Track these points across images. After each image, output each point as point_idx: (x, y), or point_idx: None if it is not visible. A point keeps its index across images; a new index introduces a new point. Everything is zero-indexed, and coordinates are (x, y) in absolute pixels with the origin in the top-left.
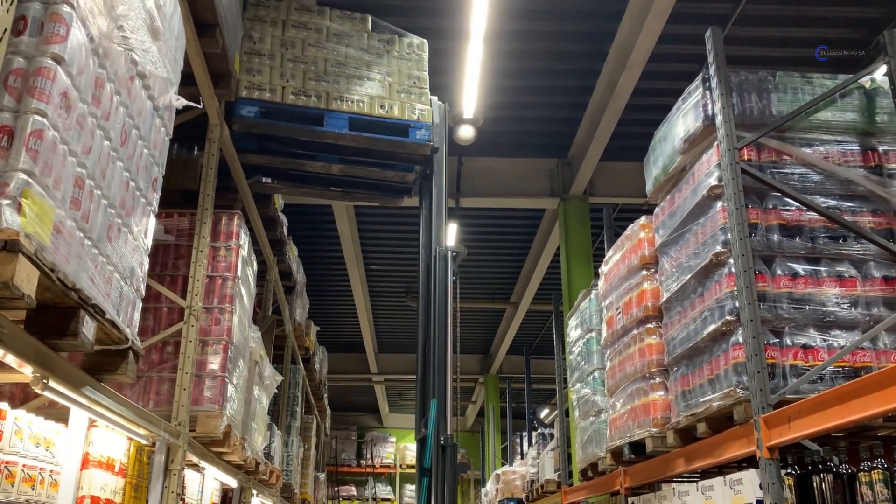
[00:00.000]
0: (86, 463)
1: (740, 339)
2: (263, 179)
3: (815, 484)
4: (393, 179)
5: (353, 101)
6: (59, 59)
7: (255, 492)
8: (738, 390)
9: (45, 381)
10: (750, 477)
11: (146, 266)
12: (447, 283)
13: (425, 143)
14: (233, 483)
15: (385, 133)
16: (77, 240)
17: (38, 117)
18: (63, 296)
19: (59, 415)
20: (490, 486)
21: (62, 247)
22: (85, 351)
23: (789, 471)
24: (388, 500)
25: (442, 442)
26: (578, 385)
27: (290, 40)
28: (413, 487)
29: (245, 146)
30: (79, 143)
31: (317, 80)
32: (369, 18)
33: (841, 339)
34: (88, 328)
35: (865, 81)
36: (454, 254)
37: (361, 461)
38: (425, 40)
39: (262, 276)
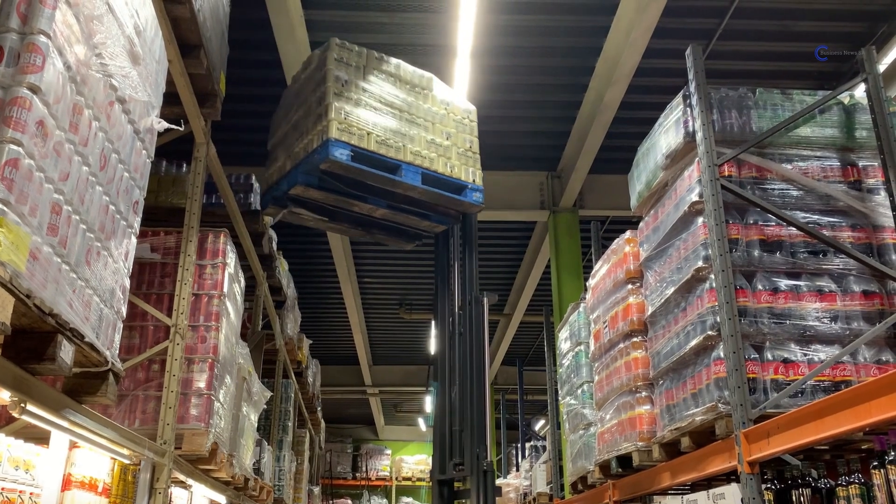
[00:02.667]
0: (67, 484)
1: (721, 354)
2: (296, 209)
3: (794, 498)
4: (424, 228)
5: (423, 156)
6: (35, 89)
7: None
8: (719, 405)
9: (22, 404)
10: (732, 491)
11: (127, 288)
12: (484, 325)
13: (478, 205)
14: (222, 500)
15: (447, 190)
16: (54, 265)
17: (13, 146)
18: (40, 321)
19: (43, 436)
20: None
21: (38, 273)
22: (63, 374)
23: (769, 485)
24: None
25: (484, 468)
26: (568, 398)
27: (371, 88)
28: (409, 499)
29: (306, 180)
30: (56, 169)
31: (394, 132)
32: (434, 78)
33: (821, 353)
34: (66, 352)
35: (844, 97)
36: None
37: (357, 474)
38: (474, 107)
39: (251, 291)
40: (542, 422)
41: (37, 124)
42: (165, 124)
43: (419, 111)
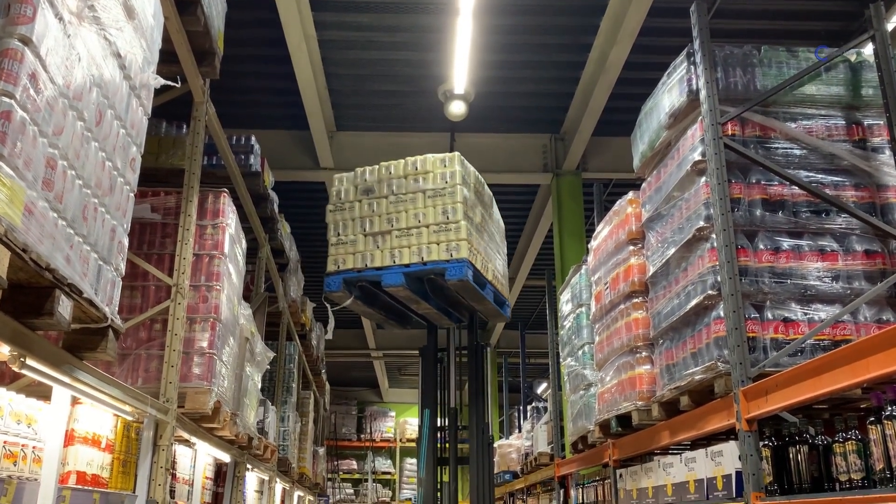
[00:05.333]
0: (70, 439)
1: (721, 314)
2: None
3: (790, 455)
4: (441, 324)
5: (496, 277)
6: (26, 41)
7: (249, 466)
8: (719, 364)
9: (22, 359)
10: (730, 449)
11: (125, 245)
12: (486, 370)
13: (507, 318)
14: (226, 458)
15: (497, 304)
16: (50, 220)
17: (5, 99)
18: (37, 276)
19: (47, 393)
20: None
21: (34, 227)
22: (62, 329)
23: (766, 442)
24: (389, 473)
25: (489, 442)
26: (569, 359)
27: (477, 207)
28: (413, 461)
29: (407, 282)
30: (50, 123)
31: (485, 251)
32: (492, 196)
33: (822, 312)
34: (64, 307)
35: (851, 55)
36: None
37: (361, 435)
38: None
39: (253, 253)
40: (543, 385)
41: (29, 77)
42: (162, 80)
43: (491, 230)
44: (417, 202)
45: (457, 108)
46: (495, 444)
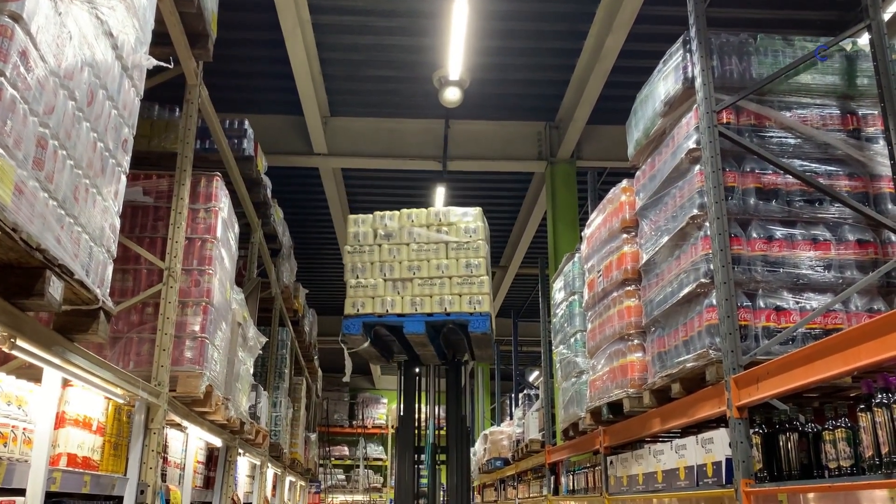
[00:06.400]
0: (61, 421)
1: (714, 302)
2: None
3: (781, 442)
4: (431, 361)
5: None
6: (16, 17)
7: (241, 451)
8: (710, 351)
9: (12, 340)
10: (720, 436)
11: (117, 227)
12: (466, 382)
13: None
14: (218, 442)
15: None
16: (41, 200)
17: None
18: (27, 256)
19: (38, 375)
20: (479, 447)
21: (24, 207)
22: (53, 311)
23: (757, 429)
24: (380, 459)
25: (468, 433)
26: (561, 347)
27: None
28: None
29: (426, 330)
30: (40, 102)
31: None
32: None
33: (814, 301)
34: (55, 288)
35: (847, 44)
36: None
37: (353, 422)
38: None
39: (246, 238)
40: (535, 372)
41: (19, 54)
42: (154, 61)
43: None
44: (440, 253)
45: (451, 95)
46: (487, 431)
